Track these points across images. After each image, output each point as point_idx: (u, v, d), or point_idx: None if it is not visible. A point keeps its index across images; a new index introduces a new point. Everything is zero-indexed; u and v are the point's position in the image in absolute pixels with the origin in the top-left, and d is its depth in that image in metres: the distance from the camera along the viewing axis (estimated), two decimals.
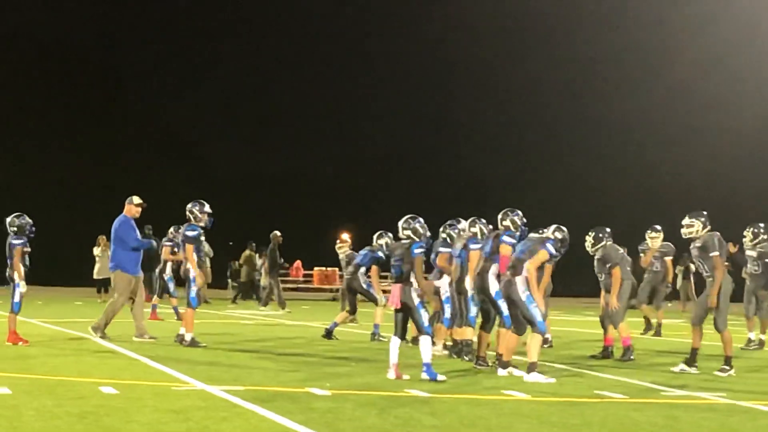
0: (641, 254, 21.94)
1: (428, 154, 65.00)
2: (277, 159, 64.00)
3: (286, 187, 63.89)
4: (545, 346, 17.86)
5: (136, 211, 18.72)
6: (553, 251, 14.27)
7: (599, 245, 16.97)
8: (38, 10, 60.95)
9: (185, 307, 17.70)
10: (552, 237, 15.84)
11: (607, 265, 16.84)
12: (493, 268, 14.47)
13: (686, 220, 14.99)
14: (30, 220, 17.07)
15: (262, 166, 64.10)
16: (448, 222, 16.10)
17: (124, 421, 9.47)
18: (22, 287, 16.74)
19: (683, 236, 15.16)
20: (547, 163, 62.18)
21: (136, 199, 18.89)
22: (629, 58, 59.92)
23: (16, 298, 16.75)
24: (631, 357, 16.41)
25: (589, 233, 17.13)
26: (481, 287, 14.70)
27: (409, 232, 13.46)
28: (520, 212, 14.76)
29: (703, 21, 54.97)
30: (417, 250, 13.24)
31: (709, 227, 14.87)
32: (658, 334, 22.49)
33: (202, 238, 17.90)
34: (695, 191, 53.99)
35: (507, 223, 14.63)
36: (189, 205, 17.69)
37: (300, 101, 65.23)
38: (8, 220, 16.98)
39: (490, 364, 14.64)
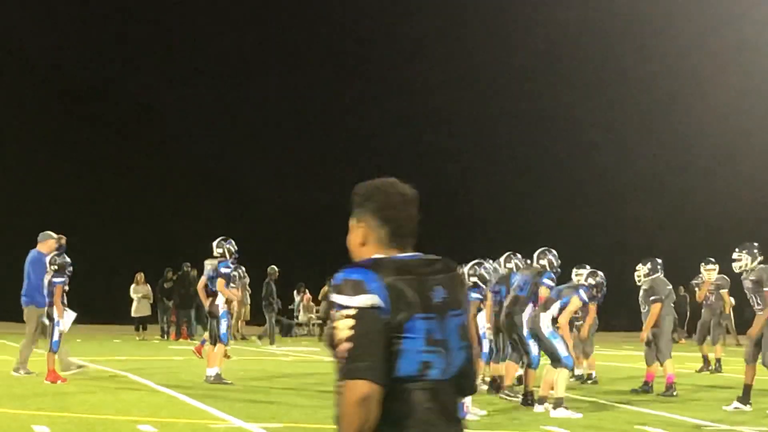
0: (696, 288, 21.74)
1: (470, 185, 64.99)
2: (315, 193, 64.14)
3: (325, 221, 64.00)
4: (589, 382, 17.78)
5: (53, 247, 18.44)
6: (586, 298, 14.27)
7: (651, 276, 16.84)
8: (64, 40, 61.44)
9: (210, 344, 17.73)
10: (586, 284, 15.73)
11: (651, 298, 16.71)
12: (528, 309, 14.44)
13: (735, 254, 14.85)
14: (69, 260, 17.20)
15: (301, 202, 64.24)
16: (475, 263, 15.77)
17: None
18: (62, 326, 16.82)
19: (734, 270, 15.03)
20: (579, 189, 62.06)
21: (54, 235, 18.94)
22: (666, 84, 59.76)
23: (56, 337, 16.83)
24: (674, 393, 16.23)
25: (643, 263, 16.99)
26: (511, 325, 14.64)
27: (475, 279, 13.90)
28: (555, 252, 14.76)
29: (741, 47, 54.74)
30: (474, 295, 13.69)
31: (759, 259, 14.68)
32: (718, 370, 21.97)
33: (235, 274, 18.03)
34: (742, 220, 53.74)
35: (544, 262, 14.64)
36: (223, 243, 17.75)
37: (337, 136, 65.41)
38: (48, 257, 17.12)
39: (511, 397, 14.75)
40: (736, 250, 14.88)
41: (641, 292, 17.01)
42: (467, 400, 12.88)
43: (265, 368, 21.43)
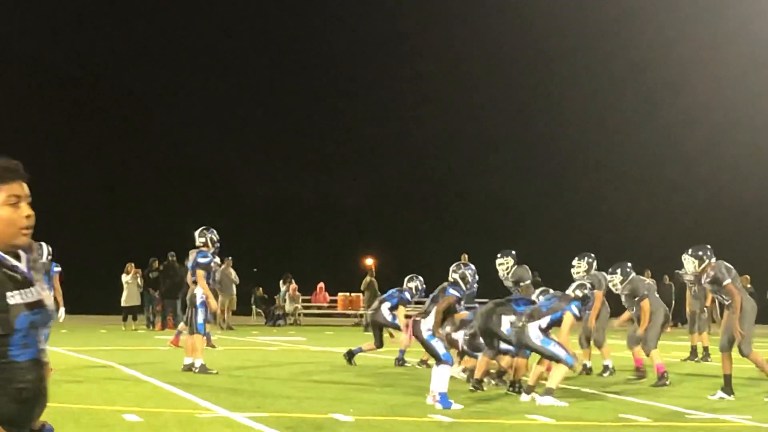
0: (681, 278, 21.72)
1: (457, 180, 65.00)
2: (301, 185, 64.14)
3: (310, 212, 64.01)
4: (605, 374, 17.61)
5: None
6: (578, 314, 14.21)
7: (626, 281, 16.83)
8: (62, 38, 61.32)
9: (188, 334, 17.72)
10: (579, 294, 15.45)
11: (636, 299, 16.72)
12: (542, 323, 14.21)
13: (686, 257, 14.96)
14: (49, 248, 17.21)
15: (286, 192, 64.23)
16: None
17: None
18: (61, 314, 16.81)
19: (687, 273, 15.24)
20: (564, 179, 62.21)
21: None
22: (651, 76, 59.89)
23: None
24: (667, 382, 16.23)
25: (612, 272, 16.89)
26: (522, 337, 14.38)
27: (456, 276, 13.82)
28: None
29: (726, 38, 54.79)
30: (451, 291, 13.55)
31: (707, 261, 14.75)
32: (705, 359, 21.99)
33: (213, 264, 17.99)
34: (726, 209, 53.87)
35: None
36: (205, 232, 17.68)
37: (328, 128, 65.40)
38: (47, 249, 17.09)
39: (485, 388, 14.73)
40: (685, 254, 15.00)
41: (623, 298, 17.00)
42: (436, 389, 12.89)
43: (251, 358, 21.45)
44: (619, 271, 16.84)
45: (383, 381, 16.50)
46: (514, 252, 19.24)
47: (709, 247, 14.94)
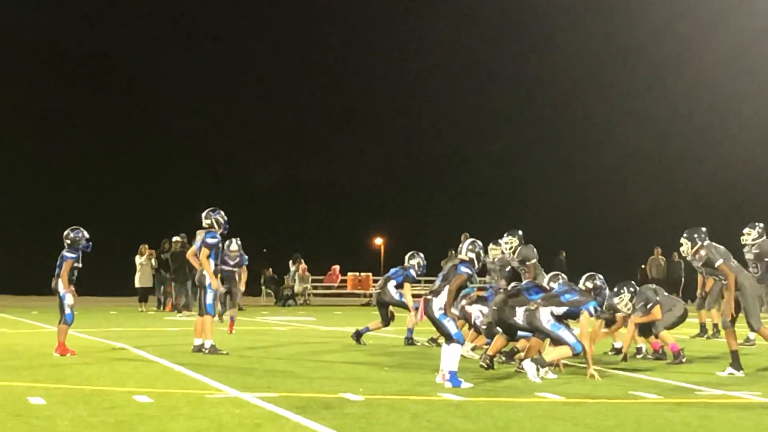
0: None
1: (465, 158, 64.92)
2: (311, 166, 64.11)
3: (320, 193, 64.00)
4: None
5: None
6: (593, 313, 14.23)
7: (634, 299, 16.58)
8: (71, 20, 61.29)
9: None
10: (590, 291, 15.27)
11: (648, 305, 16.55)
12: (555, 310, 14.18)
13: (683, 239, 14.93)
14: (86, 234, 17.04)
15: (296, 173, 64.23)
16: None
17: (159, 429, 9.50)
18: (68, 299, 16.77)
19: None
20: (570, 160, 62.12)
21: None
22: (657, 51, 59.70)
23: (67, 310, 16.78)
24: (683, 360, 16.19)
25: (618, 293, 16.54)
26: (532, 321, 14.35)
27: (472, 255, 13.64)
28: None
29: (729, 12, 54.54)
30: (463, 269, 13.37)
31: (699, 243, 14.74)
32: (715, 335, 21.92)
33: (221, 245, 17.99)
34: (731, 185, 53.76)
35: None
36: (212, 213, 17.62)
37: (338, 109, 65.32)
38: (65, 233, 17.00)
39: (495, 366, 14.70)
40: (684, 234, 14.97)
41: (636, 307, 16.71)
42: (446, 368, 12.90)
43: (261, 338, 21.47)
44: (624, 290, 16.52)
45: (393, 360, 16.51)
46: (520, 232, 19.22)
47: (703, 229, 14.92)
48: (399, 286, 19.80)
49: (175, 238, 33.47)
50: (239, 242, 23.29)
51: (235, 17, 64.97)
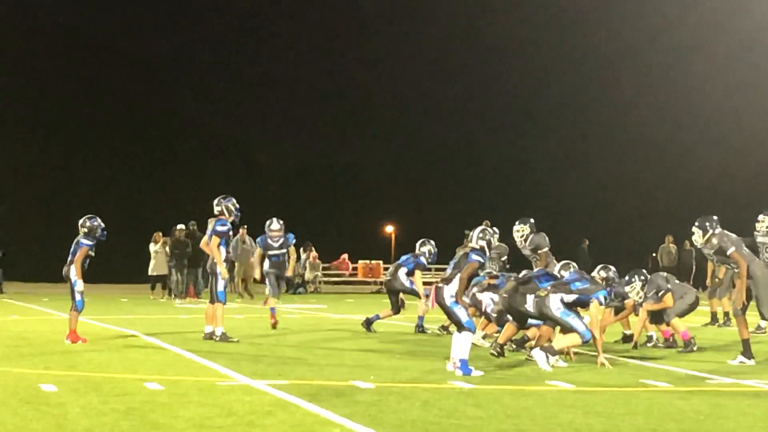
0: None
1: (475, 147, 64.86)
2: (322, 153, 64.09)
3: (331, 180, 63.99)
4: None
5: None
6: (603, 302, 14.25)
7: (645, 286, 16.54)
8: (82, 7, 61.28)
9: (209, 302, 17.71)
10: (602, 282, 15.24)
11: (659, 293, 16.53)
12: (565, 297, 14.18)
13: (694, 228, 14.92)
14: (101, 224, 17.13)
15: (307, 161, 64.21)
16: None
17: (170, 416, 9.52)
18: (79, 285, 16.82)
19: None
20: (577, 146, 62.08)
21: None
22: (666, 39, 59.55)
23: (78, 297, 16.83)
24: (694, 348, 16.19)
25: (630, 281, 16.46)
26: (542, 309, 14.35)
27: (483, 243, 13.62)
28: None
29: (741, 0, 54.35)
30: (474, 257, 13.35)
31: (710, 231, 14.73)
32: (726, 324, 21.91)
33: (231, 232, 17.96)
34: (742, 175, 53.63)
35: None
36: (222, 200, 17.67)
37: (350, 96, 65.25)
38: (80, 221, 17.07)
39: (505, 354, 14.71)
40: (696, 222, 14.96)
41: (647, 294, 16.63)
42: (457, 356, 12.90)
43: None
44: (635, 278, 16.44)
45: (403, 348, 16.52)
46: (532, 220, 19.20)
47: (715, 218, 14.91)
48: (410, 274, 19.79)
49: (179, 226, 33.44)
50: (281, 222, 20.80)
51: (246, 3, 64.91)
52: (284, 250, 20.65)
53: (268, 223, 20.74)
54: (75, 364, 13.66)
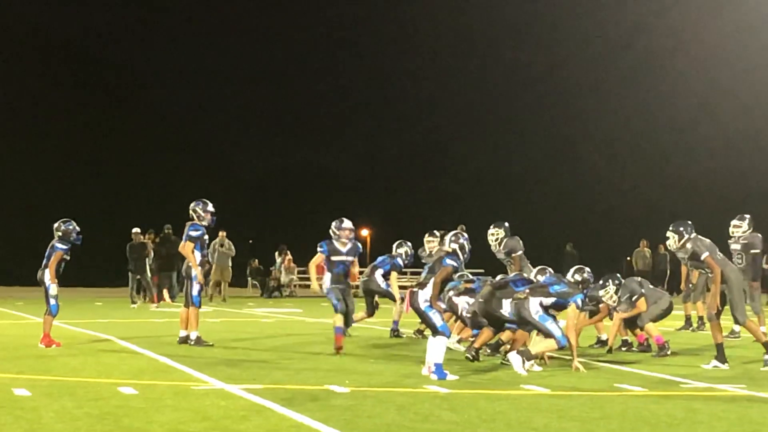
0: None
1: (451, 150, 64.90)
2: (297, 156, 64.02)
3: (306, 183, 63.92)
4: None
5: None
6: (581, 305, 14.28)
7: (620, 291, 16.56)
8: (60, 11, 61.08)
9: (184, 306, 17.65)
10: (578, 284, 15.25)
11: (633, 298, 16.56)
12: (544, 301, 14.21)
13: (669, 232, 14.98)
14: (77, 228, 17.09)
15: (282, 164, 64.14)
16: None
17: (144, 421, 9.49)
18: (53, 289, 16.76)
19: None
20: (559, 144, 62.17)
21: None
22: (646, 42, 59.73)
23: (52, 301, 16.77)
24: (668, 352, 16.23)
25: (604, 285, 16.48)
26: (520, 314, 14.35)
27: (455, 246, 13.65)
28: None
29: (720, 2, 54.53)
30: (449, 261, 13.40)
31: (686, 236, 14.80)
32: (700, 328, 21.94)
33: (206, 237, 17.91)
34: (721, 176, 53.81)
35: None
36: (192, 204, 17.68)
37: (324, 99, 65.19)
38: (55, 225, 17.03)
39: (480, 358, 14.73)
40: (670, 227, 15.01)
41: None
42: (432, 360, 12.91)
43: (247, 330, 21.45)
44: (609, 282, 16.47)
45: (378, 352, 16.52)
46: (507, 224, 19.22)
47: (689, 223, 14.97)
48: (386, 275, 19.72)
49: (135, 230, 33.30)
50: (351, 224, 17.23)
51: (219, 3, 64.79)
52: (351, 258, 16.94)
53: (336, 223, 17.12)
54: (49, 369, 13.60)
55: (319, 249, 16.71)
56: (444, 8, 61.86)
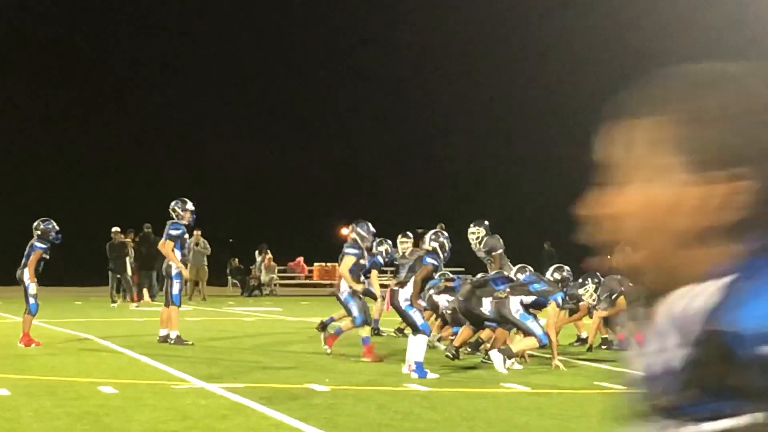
0: None
1: (428, 153, 64.93)
2: (277, 155, 63.94)
3: (286, 182, 63.86)
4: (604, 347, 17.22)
5: None
6: (561, 303, 14.34)
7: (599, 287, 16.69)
8: (42, 11, 60.91)
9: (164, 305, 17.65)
10: (557, 283, 15.28)
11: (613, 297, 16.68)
12: (524, 299, 14.23)
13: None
14: (56, 227, 17.08)
15: (262, 163, 64.05)
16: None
17: (124, 420, 9.47)
18: (32, 289, 16.73)
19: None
20: (546, 134, 62.35)
21: None
22: (632, 40, 59.90)
23: (31, 300, 16.74)
24: None
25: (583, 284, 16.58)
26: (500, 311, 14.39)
27: (435, 245, 13.73)
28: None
29: None
30: (429, 260, 13.48)
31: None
32: None
33: (187, 235, 17.92)
34: None
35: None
36: (172, 203, 17.70)
37: (300, 98, 65.13)
38: (35, 224, 17.03)
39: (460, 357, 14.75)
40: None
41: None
42: (412, 358, 12.94)
43: (227, 329, 21.43)
44: (589, 280, 16.53)
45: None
46: (487, 222, 19.26)
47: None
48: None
49: (114, 228, 33.26)
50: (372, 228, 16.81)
51: (207, 7, 64.71)
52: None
53: (359, 225, 17.10)
54: (28, 368, 13.56)
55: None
56: (424, 7, 61.90)
